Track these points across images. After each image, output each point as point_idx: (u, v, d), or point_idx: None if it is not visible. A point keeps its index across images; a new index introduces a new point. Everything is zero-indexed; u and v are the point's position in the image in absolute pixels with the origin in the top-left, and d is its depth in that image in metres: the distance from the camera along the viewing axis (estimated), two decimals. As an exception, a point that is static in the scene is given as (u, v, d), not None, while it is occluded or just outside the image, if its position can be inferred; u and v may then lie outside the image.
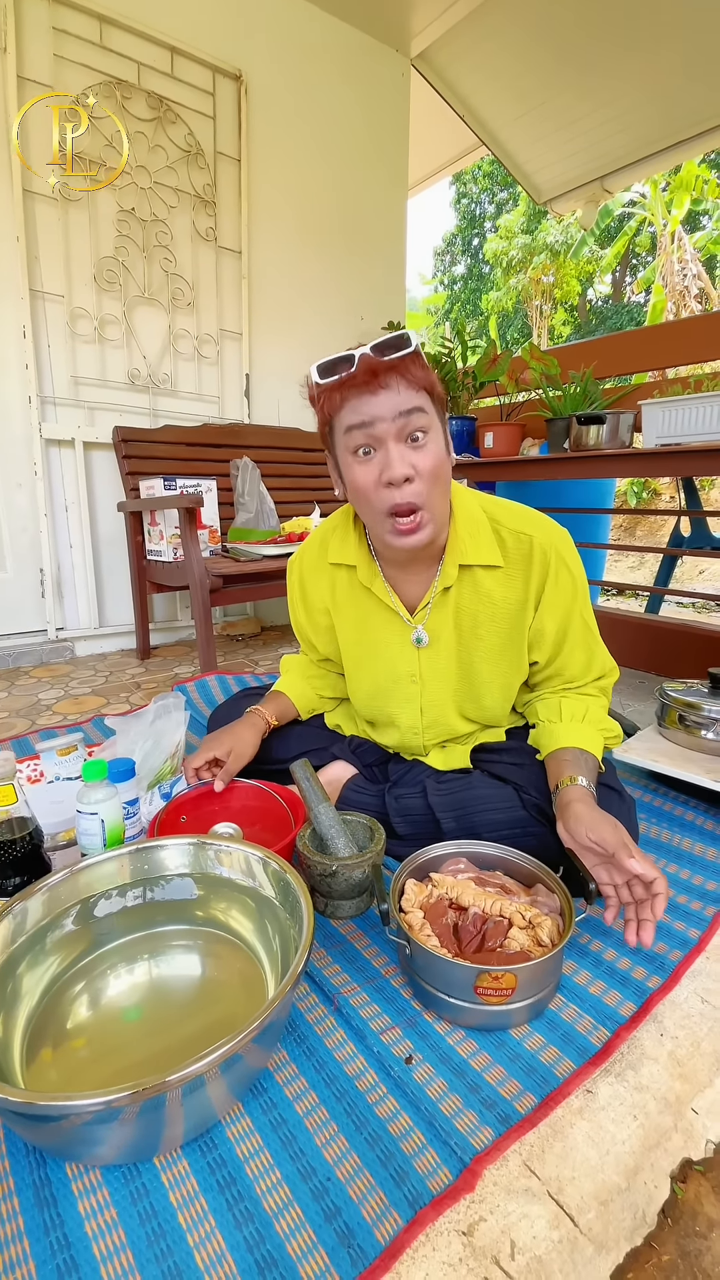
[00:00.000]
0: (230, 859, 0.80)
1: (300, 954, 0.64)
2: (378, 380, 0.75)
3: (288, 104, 2.58)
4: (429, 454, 0.78)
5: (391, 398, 0.75)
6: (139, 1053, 0.68)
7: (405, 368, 0.76)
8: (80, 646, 2.39)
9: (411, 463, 0.78)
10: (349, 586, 1.00)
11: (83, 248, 2.15)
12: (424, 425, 0.77)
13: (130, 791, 1.00)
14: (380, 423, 0.76)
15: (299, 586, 1.07)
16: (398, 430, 0.76)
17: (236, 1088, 0.64)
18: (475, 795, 0.96)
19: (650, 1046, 0.72)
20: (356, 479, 0.80)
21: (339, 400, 0.77)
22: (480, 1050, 0.70)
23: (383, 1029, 0.72)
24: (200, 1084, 0.57)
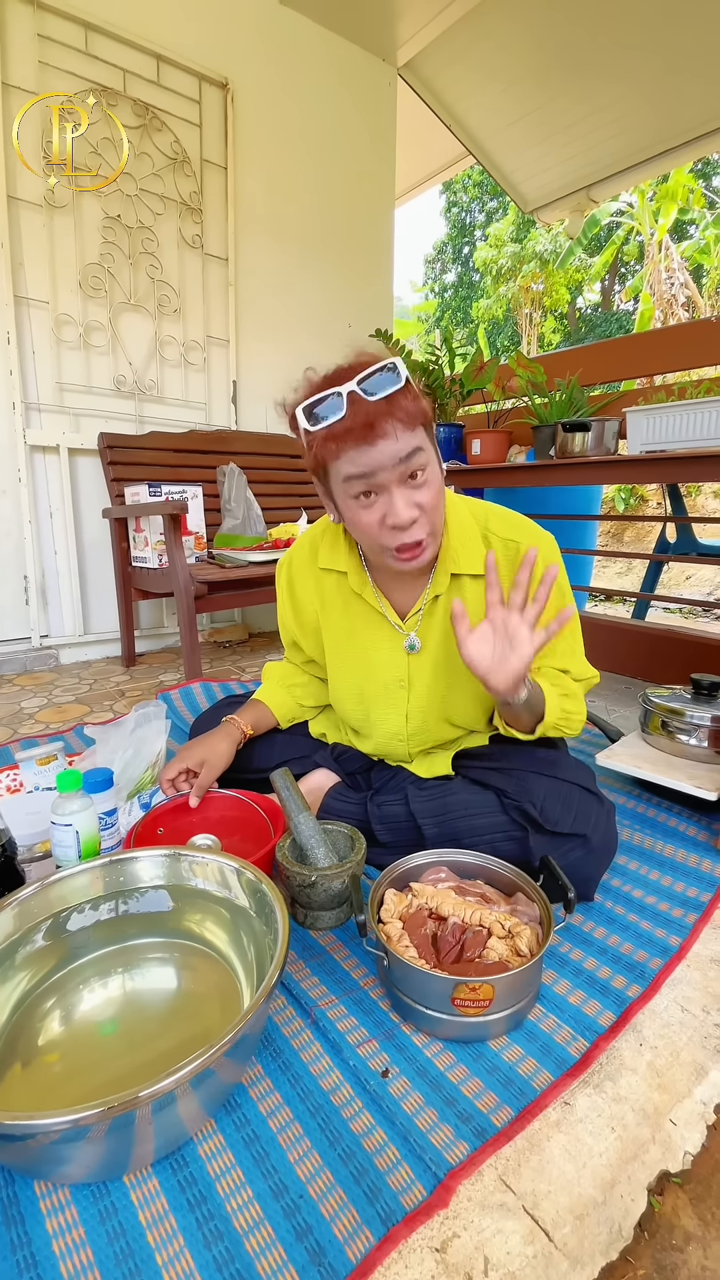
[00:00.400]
0: (205, 870, 0.79)
1: (274, 966, 0.63)
2: (375, 430, 0.72)
3: (274, 112, 2.59)
4: (430, 489, 0.78)
5: (390, 445, 0.73)
6: (112, 1069, 0.67)
7: (400, 407, 0.73)
8: (65, 654, 2.37)
9: (416, 503, 0.77)
10: (338, 591, 1.00)
11: (68, 254, 2.15)
12: (424, 463, 0.76)
13: (108, 802, 0.99)
14: (381, 472, 0.74)
15: (287, 588, 1.07)
16: (399, 475, 0.75)
17: (209, 1104, 0.63)
18: (456, 801, 0.96)
19: (629, 1057, 0.72)
20: (359, 520, 0.79)
21: (334, 450, 0.74)
22: (458, 1062, 0.69)
23: (360, 1042, 0.71)
24: (171, 1100, 0.56)
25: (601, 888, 0.99)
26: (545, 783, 0.93)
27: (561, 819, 0.90)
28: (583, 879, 0.93)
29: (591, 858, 0.92)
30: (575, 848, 0.91)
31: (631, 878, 1.02)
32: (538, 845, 0.90)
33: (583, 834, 0.91)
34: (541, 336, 12.95)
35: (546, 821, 0.89)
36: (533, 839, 0.90)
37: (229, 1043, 0.56)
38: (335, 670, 1.06)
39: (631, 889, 0.99)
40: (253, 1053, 0.70)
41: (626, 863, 1.05)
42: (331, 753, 1.16)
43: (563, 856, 0.90)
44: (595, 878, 0.95)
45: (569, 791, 0.93)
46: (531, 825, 0.90)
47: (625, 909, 0.94)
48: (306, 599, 1.05)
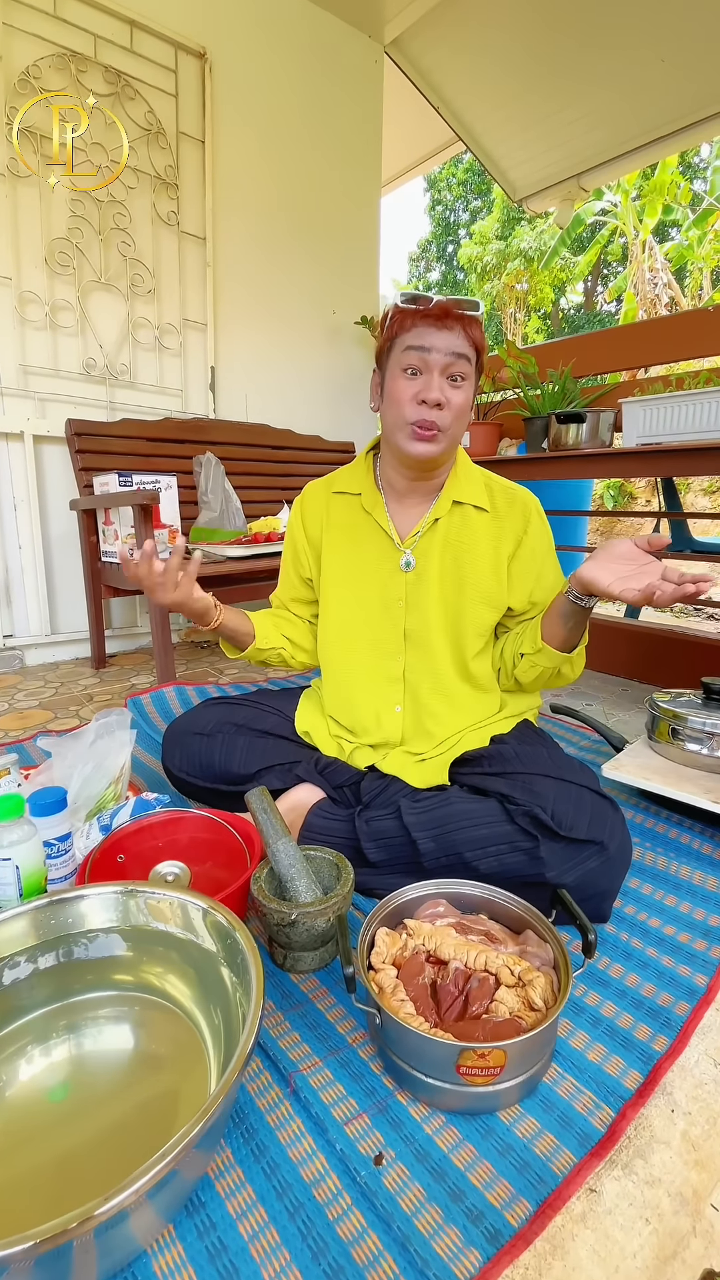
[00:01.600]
0: (164, 910, 0.67)
1: (247, 1034, 0.53)
2: (446, 319, 0.86)
3: (255, 85, 2.46)
4: (461, 395, 0.89)
5: (451, 338, 0.86)
6: (56, 1145, 0.56)
7: (470, 323, 0.87)
8: (30, 655, 2.23)
9: (447, 395, 0.87)
10: (347, 512, 1.06)
11: (32, 228, 2.01)
12: (465, 372, 0.88)
13: (60, 826, 0.86)
14: (435, 353, 0.86)
15: (299, 510, 1.12)
16: (444, 365, 0.87)
17: (167, 1210, 0.52)
18: (454, 811, 0.87)
19: (660, 1126, 0.62)
20: (397, 390, 0.89)
21: (409, 324, 0.87)
22: (464, 1141, 0.59)
23: (348, 1117, 0.60)
24: (120, 1220, 0.45)
25: (616, 916, 0.89)
26: (553, 785, 0.86)
27: (576, 823, 0.81)
28: (599, 894, 0.85)
29: (610, 867, 0.83)
30: (592, 856, 0.82)
31: (647, 904, 0.92)
32: (550, 855, 0.80)
33: (599, 840, 0.82)
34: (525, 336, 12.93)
35: (560, 826, 0.81)
36: (544, 847, 0.80)
37: (194, 1138, 0.45)
38: (335, 593, 1.06)
39: (648, 917, 0.89)
40: (220, 1138, 0.59)
41: (639, 886, 0.96)
42: (316, 765, 1.05)
43: (579, 867, 0.81)
44: (613, 892, 0.86)
45: (580, 794, 0.85)
46: (542, 832, 0.81)
47: (643, 941, 0.84)
48: (314, 519, 1.09)
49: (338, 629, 1.07)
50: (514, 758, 0.94)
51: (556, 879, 0.79)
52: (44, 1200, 0.52)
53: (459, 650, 1.01)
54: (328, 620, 1.08)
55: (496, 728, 1.02)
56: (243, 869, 0.88)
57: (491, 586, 0.99)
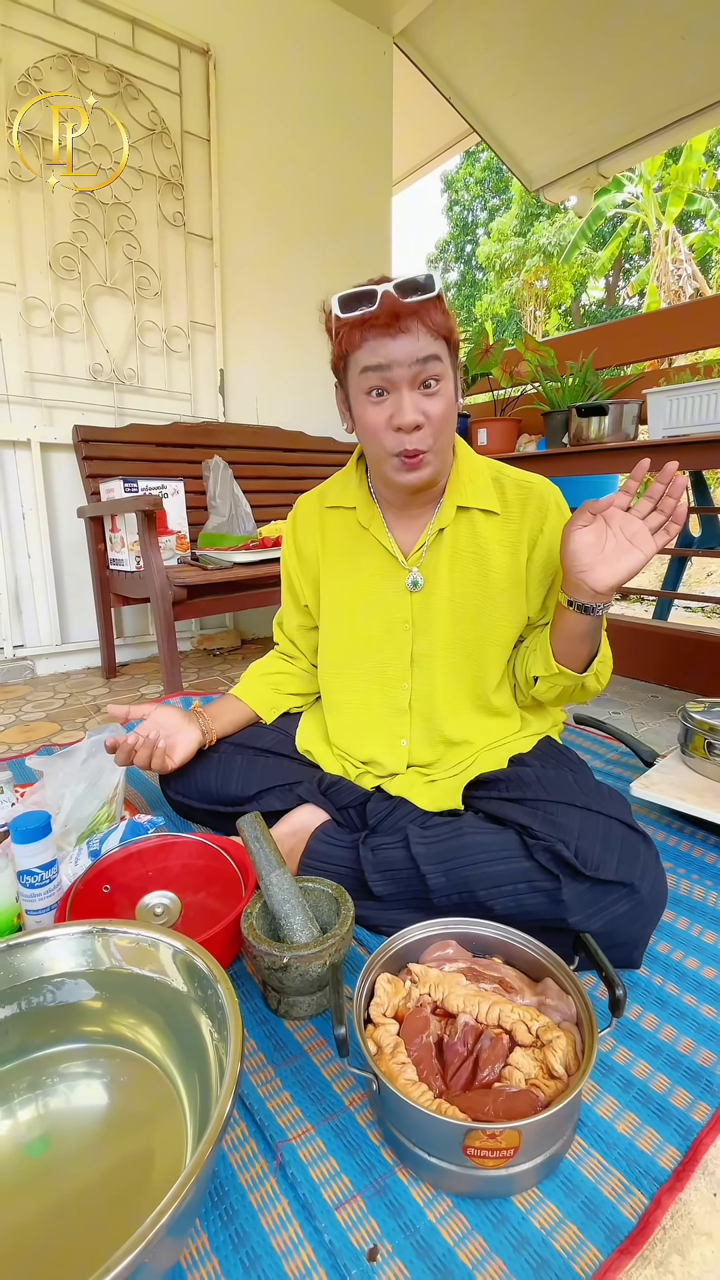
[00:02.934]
0: (134, 950, 0.61)
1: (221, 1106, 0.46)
2: (399, 323, 0.72)
3: (261, 82, 2.42)
4: (440, 401, 0.76)
5: (410, 343, 0.73)
6: (14, 1217, 0.49)
7: (427, 312, 0.73)
8: (41, 665, 2.20)
9: (423, 409, 0.75)
10: (343, 528, 0.95)
11: (36, 232, 1.98)
12: (439, 373, 0.75)
13: (44, 853, 0.81)
14: (396, 368, 0.74)
15: (291, 530, 1.01)
16: (412, 377, 0.74)
17: (129, 1308, 0.45)
18: (467, 843, 0.78)
19: (701, 1215, 0.53)
20: (367, 418, 0.78)
21: (358, 339, 0.74)
22: (472, 1231, 0.51)
23: (340, 1201, 0.53)
24: None
25: (648, 956, 0.80)
26: (578, 815, 0.77)
27: (604, 862, 0.72)
28: (629, 943, 0.75)
29: (641, 913, 0.73)
30: (621, 900, 0.72)
31: (682, 941, 0.83)
32: (574, 898, 0.72)
33: (629, 882, 0.72)
34: (546, 333, 12.76)
35: (585, 866, 0.72)
36: (566, 889, 0.72)
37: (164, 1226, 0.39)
38: (335, 618, 0.96)
39: (684, 957, 0.80)
40: (195, 1218, 0.52)
41: (674, 920, 0.87)
42: (319, 785, 0.98)
43: (606, 911, 0.72)
44: (644, 939, 0.77)
45: (609, 827, 0.76)
46: (565, 871, 0.72)
47: (679, 986, 0.75)
48: (309, 540, 0.98)
49: (337, 657, 0.97)
50: (534, 782, 0.85)
51: (580, 925, 0.71)
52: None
53: (477, 678, 0.91)
54: (327, 648, 0.99)
55: (515, 746, 0.93)
56: (238, 899, 0.81)
57: (510, 600, 0.89)
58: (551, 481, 0.92)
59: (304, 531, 0.99)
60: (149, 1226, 0.39)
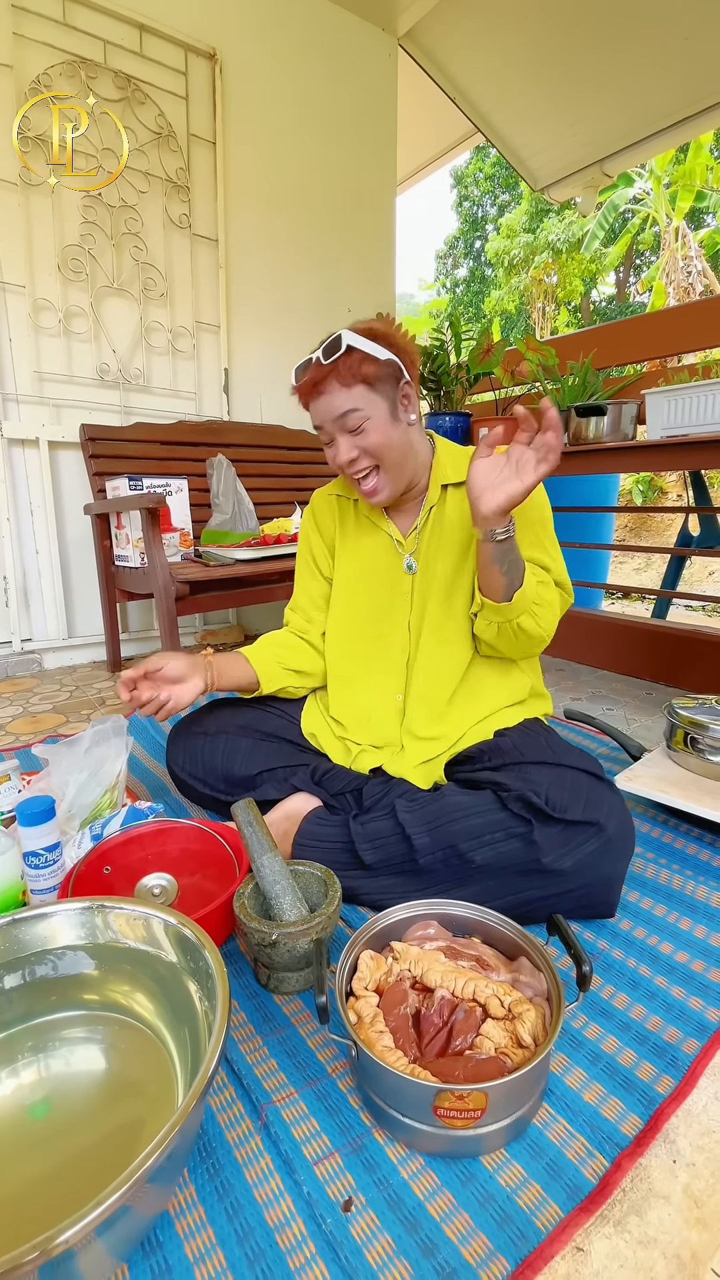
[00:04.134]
0: (133, 926, 0.65)
1: (208, 1061, 0.50)
2: (318, 389, 0.88)
3: (266, 85, 2.45)
4: (369, 437, 0.89)
5: (329, 403, 0.88)
6: (15, 1175, 0.53)
7: (338, 371, 0.86)
8: (49, 659, 2.25)
9: (357, 446, 0.90)
10: (353, 514, 1.08)
11: (45, 235, 2.02)
12: (360, 420, 0.88)
13: (48, 836, 0.85)
14: (326, 423, 0.90)
15: (310, 514, 1.14)
16: (340, 426, 0.89)
17: (120, 1247, 0.49)
18: (447, 804, 0.85)
19: (660, 1179, 0.56)
20: (329, 457, 0.95)
21: (301, 401, 0.93)
22: (441, 1187, 0.55)
23: (319, 1156, 0.57)
24: (68, 1258, 0.42)
25: (624, 940, 0.83)
26: (547, 770, 0.85)
27: (570, 805, 0.80)
28: (602, 881, 0.82)
29: (609, 851, 0.81)
30: (590, 839, 0.80)
31: (658, 926, 0.86)
32: (546, 839, 0.78)
33: (596, 821, 0.80)
34: (555, 330, 12.71)
35: (553, 809, 0.79)
36: (539, 832, 0.79)
37: (147, 1171, 0.43)
38: (346, 593, 1.07)
39: (659, 942, 0.83)
40: (182, 1169, 0.56)
41: (652, 907, 0.90)
42: (313, 775, 1.02)
43: (577, 850, 0.79)
44: (617, 879, 0.83)
45: (575, 777, 0.84)
46: (536, 816, 0.80)
47: (651, 969, 0.79)
48: (326, 521, 1.11)
49: (344, 626, 1.07)
50: (511, 749, 0.93)
51: (554, 864, 0.78)
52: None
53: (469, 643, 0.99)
54: (335, 619, 1.09)
55: (500, 720, 0.99)
56: (232, 881, 0.85)
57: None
58: (552, 482, 0.97)
59: (322, 512, 1.11)
60: (134, 1170, 0.43)
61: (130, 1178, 0.43)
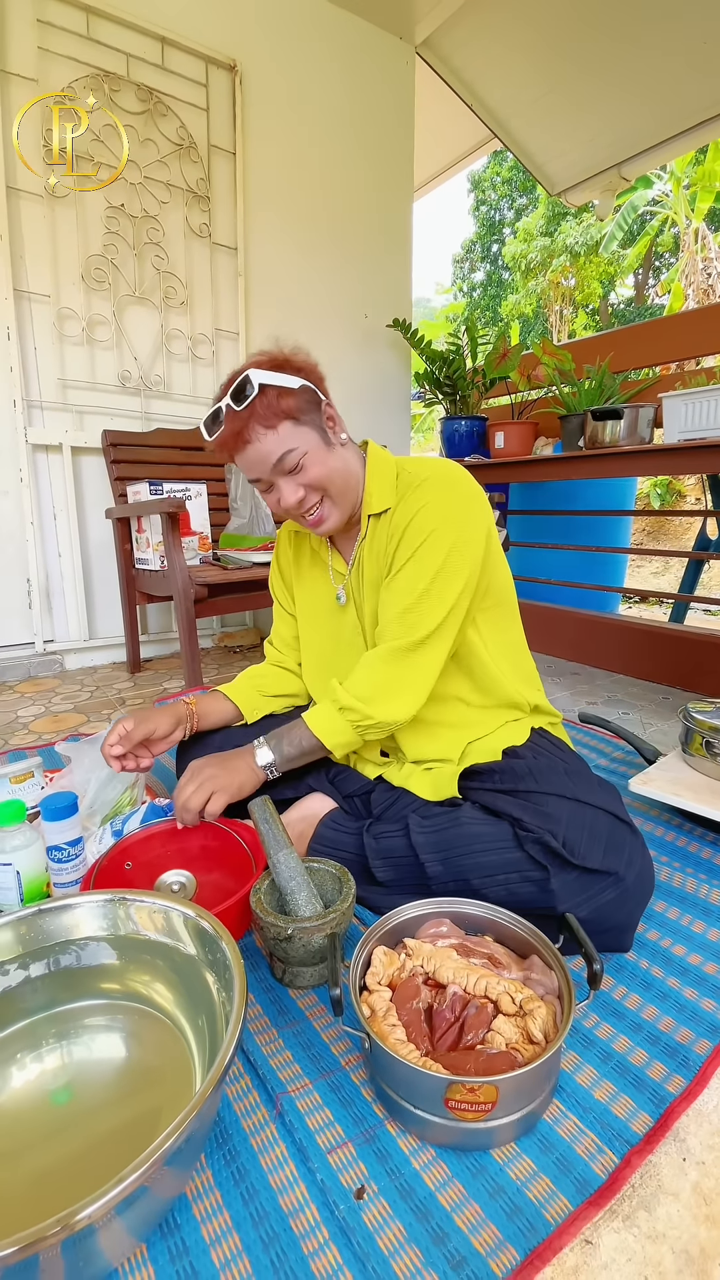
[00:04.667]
0: (153, 919, 0.66)
1: (225, 1048, 0.51)
2: (242, 437, 0.82)
3: (285, 95, 2.48)
4: (311, 470, 0.85)
5: (259, 451, 0.83)
6: (37, 1159, 0.55)
7: (257, 414, 0.81)
8: (70, 659, 2.29)
9: (300, 484, 0.86)
10: (306, 551, 1.06)
11: (70, 246, 2.07)
12: (297, 459, 0.84)
13: (71, 831, 0.87)
14: (261, 474, 0.86)
15: (276, 553, 1.13)
16: (279, 471, 0.84)
17: (139, 1227, 0.51)
18: (463, 834, 0.82)
19: (669, 1176, 0.57)
20: (268, 503, 0.90)
21: (228, 456, 0.87)
22: (452, 1179, 0.56)
23: (333, 1145, 0.58)
24: (88, 1234, 0.44)
25: (637, 942, 0.84)
26: (568, 808, 0.80)
27: (590, 852, 0.76)
28: (616, 928, 0.79)
29: (626, 900, 0.77)
30: (607, 888, 0.76)
31: (671, 929, 0.86)
32: (562, 887, 0.75)
33: (614, 871, 0.76)
34: (573, 333, 12.64)
35: (572, 855, 0.75)
36: (555, 880, 0.75)
37: (165, 1153, 0.45)
38: (305, 633, 1.08)
39: (671, 944, 0.83)
40: (200, 1154, 0.58)
41: (665, 910, 0.90)
42: (327, 774, 1.04)
43: (593, 900, 0.76)
44: (631, 925, 0.80)
45: (595, 818, 0.79)
46: (553, 861, 0.76)
47: (664, 970, 0.79)
48: (285, 559, 1.10)
49: (309, 660, 1.09)
50: (527, 774, 0.88)
51: (568, 910, 0.74)
52: (20, 1215, 0.52)
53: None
54: (304, 653, 1.10)
55: (506, 738, 0.94)
56: (249, 877, 0.87)
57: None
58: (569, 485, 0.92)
59: (282, 554, 1.11)
60: (153, 1151, 0.44)
61: (149, 1159, 0.44)
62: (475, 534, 0.86)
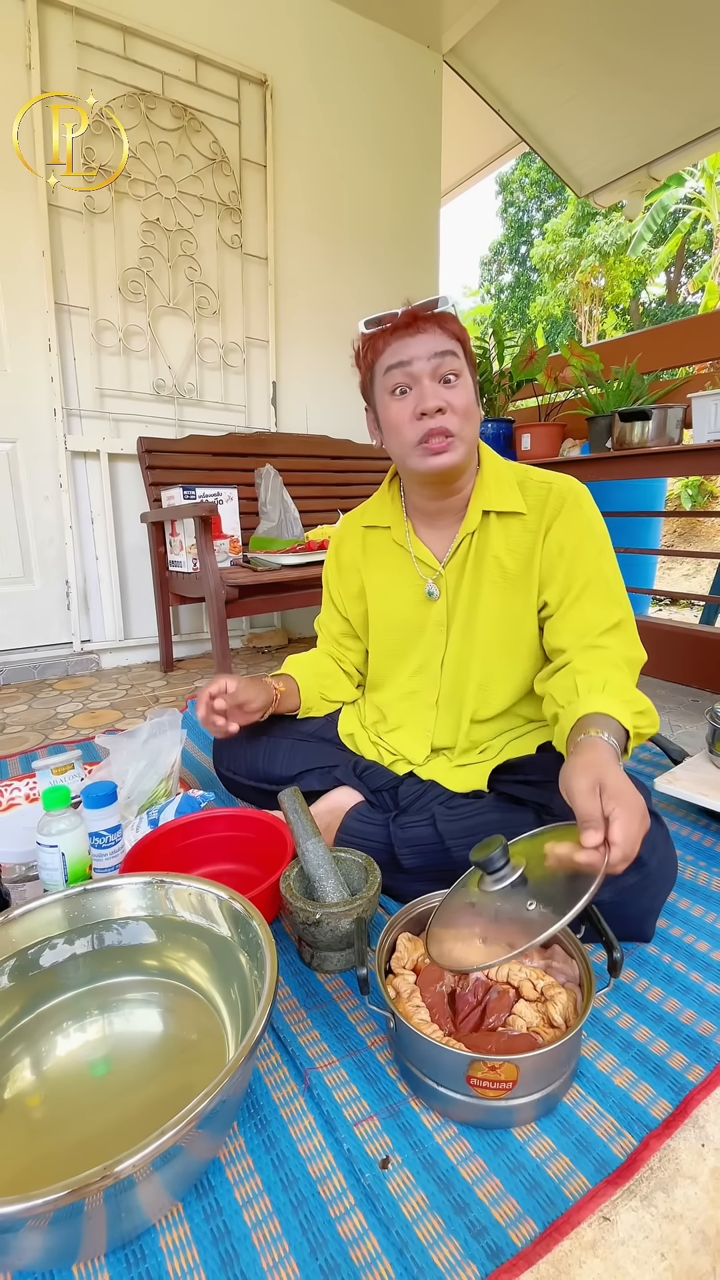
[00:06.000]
0: (189, 900, 0.70)
1: (257, 1022, 0.54)
2: (416, 324, 0.82)
3: (315, 107, 2.53)
4: (460, 393, 0.83)
5: (428, 340, 0.82)
6: (87, 1126, 0.59)
7: (442, 319, 0.83)
8: (106, 659, 2.37)
9: (445, 398, 0.82)
10: (382, 546, 1.03)
11: (108, 260, 2.15)
12: (456, 369, 0.83)
13: (111, 818, 0.92)
14: (417, 361, 0.82)
15: (335, 547, 1.10)
16: (432, 370, 0.82)
17: (176, 1186, 0.54)
18: (488, 820, 0.86)
19: (687, 1160, 0.58)
20: (392, 415, 0.85)
21: (381, 345, 0.85)
22: (474, 1154, 0.58)
23: (359, 1118, 0.61)
24: (128, 1185, 0.47)
25: (659, 937, 0.84)
26: None
27: None
28: (639, 913, 0.80)
29: (649, 886, 0.79)
30: (629, 873, 0.77)
31: (695, 926, 0.87)
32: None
33: (638, 856, 0.76)
34: (603, 334, 12.50)
35: None
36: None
37: (195, 1118, 0.48)
38: (377, 624, 1.05)
39: (695, 940, 0.84)
40: (232, 1121, 0.61)
41: (689, 908, 0.90)
42: (354, 769, 1.06)
43: (615, 883, 0.77)
44: (654, 910, 0.82)
45: None
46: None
47: (686, 965, 0.80)
48: (350, 556, 1.06)
49: (381, 661, 1.07)
50: (554, 766, 0.89)
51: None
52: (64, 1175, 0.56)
53: (506, 678, 0.94)
54: (373, 655, 1.08)
55: (545, 734, 0.97)
56: (279, 865, 0.90)
57: (519, 606, 0.91)
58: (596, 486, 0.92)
59: (347, 547, 1.07)
60: (188, 1112, 0.47)
61: (185, 1118, 0.47)
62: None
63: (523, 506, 0.90)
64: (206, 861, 0.97)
